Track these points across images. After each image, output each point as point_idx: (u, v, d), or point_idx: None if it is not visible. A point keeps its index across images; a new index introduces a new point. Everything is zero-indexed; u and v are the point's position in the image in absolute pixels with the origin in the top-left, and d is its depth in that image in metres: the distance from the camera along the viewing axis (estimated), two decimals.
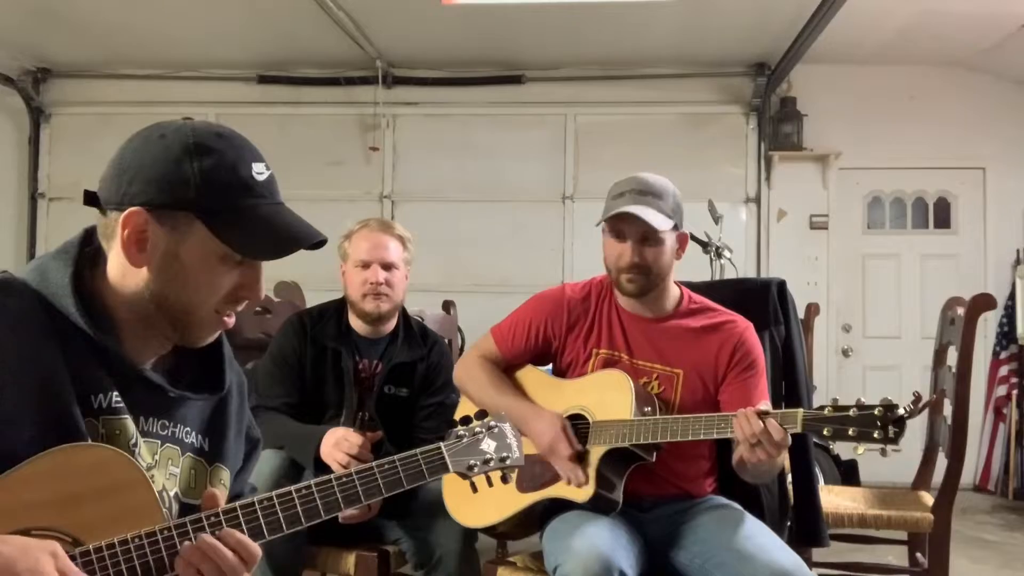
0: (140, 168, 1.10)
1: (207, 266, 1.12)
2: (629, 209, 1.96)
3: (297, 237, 1.14)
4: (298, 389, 2.43)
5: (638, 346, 2.07)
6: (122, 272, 1.13)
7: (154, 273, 1.11)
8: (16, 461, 1.01)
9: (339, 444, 2.19)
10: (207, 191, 1.09)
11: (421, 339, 2.55)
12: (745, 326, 2.09)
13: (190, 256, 1.11)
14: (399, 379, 2.47)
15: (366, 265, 2.44)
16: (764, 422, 1.72)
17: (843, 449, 4.45)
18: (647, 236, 1.99)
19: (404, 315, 2.57)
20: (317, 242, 1.16)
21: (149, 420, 1.15)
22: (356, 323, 2.51)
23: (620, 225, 2.00)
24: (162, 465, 1.16)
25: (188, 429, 1.20)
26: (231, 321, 1.18)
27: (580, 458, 1.95)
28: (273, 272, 1.32)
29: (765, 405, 1.91)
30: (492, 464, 1.34)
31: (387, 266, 2.45)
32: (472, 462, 1.32)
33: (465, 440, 1.33)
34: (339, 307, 2.54)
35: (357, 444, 2.19)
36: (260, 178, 1.14)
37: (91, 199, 1.14)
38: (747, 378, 2.02)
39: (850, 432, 1.67)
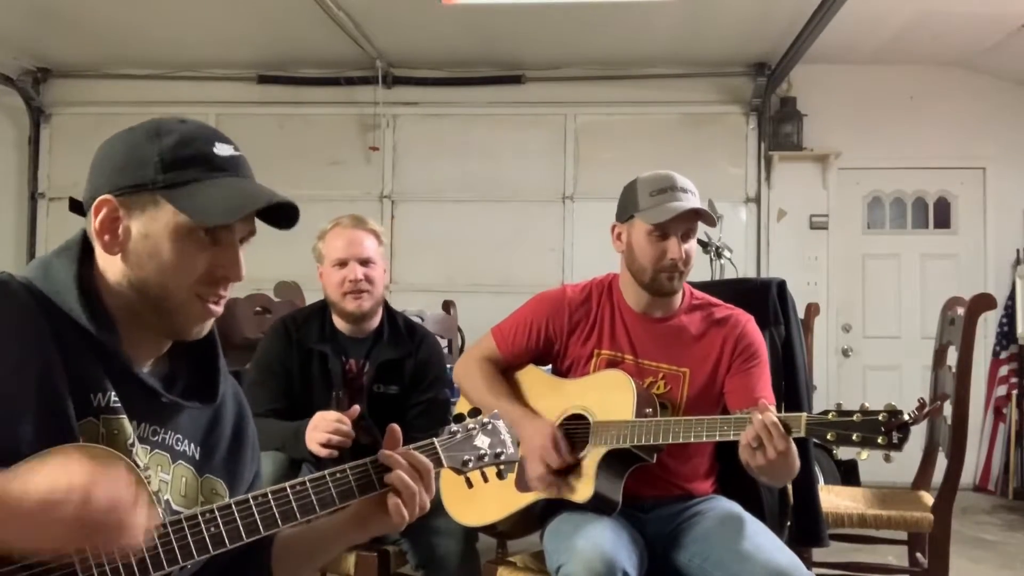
0: (107, 160, 1.14)
1: (177, 243, 1.12)
2: (693, 206, 1.95)
3: (253, 197, 1.14)
4: (284, 395, 2.41)
5: (643, 346, 2.06)
6: (104, 267, 1.14)
7: (129, 260, 1.12)
8: (15, 460, 1.00)
9: (316, 427, 2.18)
10: (168, 167, 1.11)
11: (408, 335, 2.52)
12: (747, 319, 2.09)
13: (159, 235, 1.11)
14: (388, 377, 2.45)
15: (343, 263, 2.41)
16: (767, 424, 1.70)
17: (844, 450, 4.43)
18: (689, 233, 2.00)
19: (388, 310, 2.53)
20: (286, 212, 1.15)
21: (141, 425, 1.14)
22: (340, 323, 2.48)
23: (668, 223, 1.97)
24: (152, 470, 1.15)
25: (180, 437, 1.19)
26: (218, 309, 1.18)
27: (570, 469, 1.93)
28: (273, 272, 1.32)
29: (770, 403, 1.91)
30: (487, 460, 1.34)
31: (364, 261, 2.41)
32: (466, 458, 1.32)
33: (459, 436, 1.33)
34: (322, 308, 2.52)
35: (332, 420, 2.17)
36: (222, 153, 1.15)
37: (75, 206, 1.15)
38: (750, 368, 2.02)
39: (854, 438, 1.66)
